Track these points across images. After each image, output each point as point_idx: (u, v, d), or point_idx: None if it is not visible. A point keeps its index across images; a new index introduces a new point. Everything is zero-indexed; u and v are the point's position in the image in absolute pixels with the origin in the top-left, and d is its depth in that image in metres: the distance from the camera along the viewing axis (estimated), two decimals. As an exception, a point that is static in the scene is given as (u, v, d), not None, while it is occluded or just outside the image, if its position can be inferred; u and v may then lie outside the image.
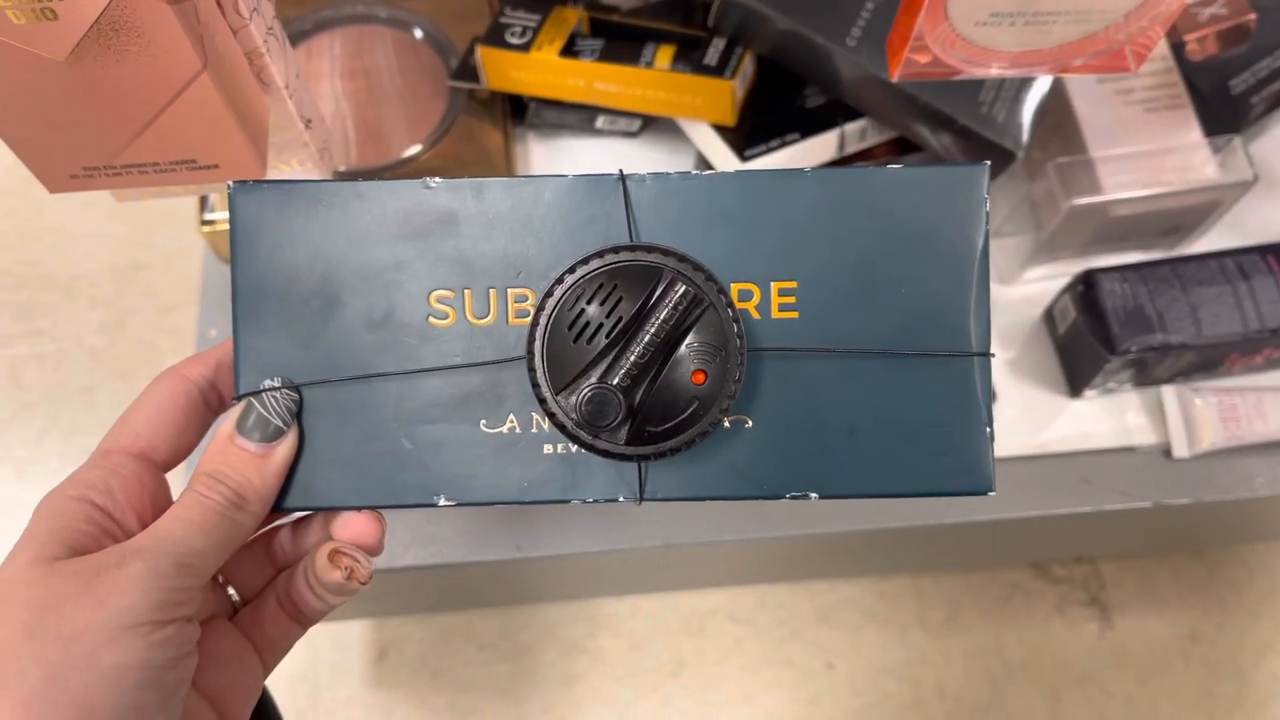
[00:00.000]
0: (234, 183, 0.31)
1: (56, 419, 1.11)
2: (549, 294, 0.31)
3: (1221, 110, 0.63)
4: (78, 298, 1.17)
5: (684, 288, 0.30)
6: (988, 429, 0.32)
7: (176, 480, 0.31)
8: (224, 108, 0.31)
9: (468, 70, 0.66)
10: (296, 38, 0.70)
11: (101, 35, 0.28)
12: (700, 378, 0.31)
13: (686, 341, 0.31)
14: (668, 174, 0.32)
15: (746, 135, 0.63)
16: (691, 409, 0.31)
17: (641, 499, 0.33)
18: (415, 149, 0.66)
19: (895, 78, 0.45)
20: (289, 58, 0.37)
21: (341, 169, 0.65)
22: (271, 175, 0.42)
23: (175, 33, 0.28)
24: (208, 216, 0.64)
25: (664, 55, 0.62)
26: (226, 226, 0.64)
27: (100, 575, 0.27)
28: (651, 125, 0.70)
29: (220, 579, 0.34)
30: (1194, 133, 0.61)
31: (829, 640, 1.02)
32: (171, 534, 0.28)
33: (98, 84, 0.30)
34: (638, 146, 0.70)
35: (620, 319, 0.30)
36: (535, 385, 0.31)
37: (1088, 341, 0.59)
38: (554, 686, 1.00)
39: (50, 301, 1.17)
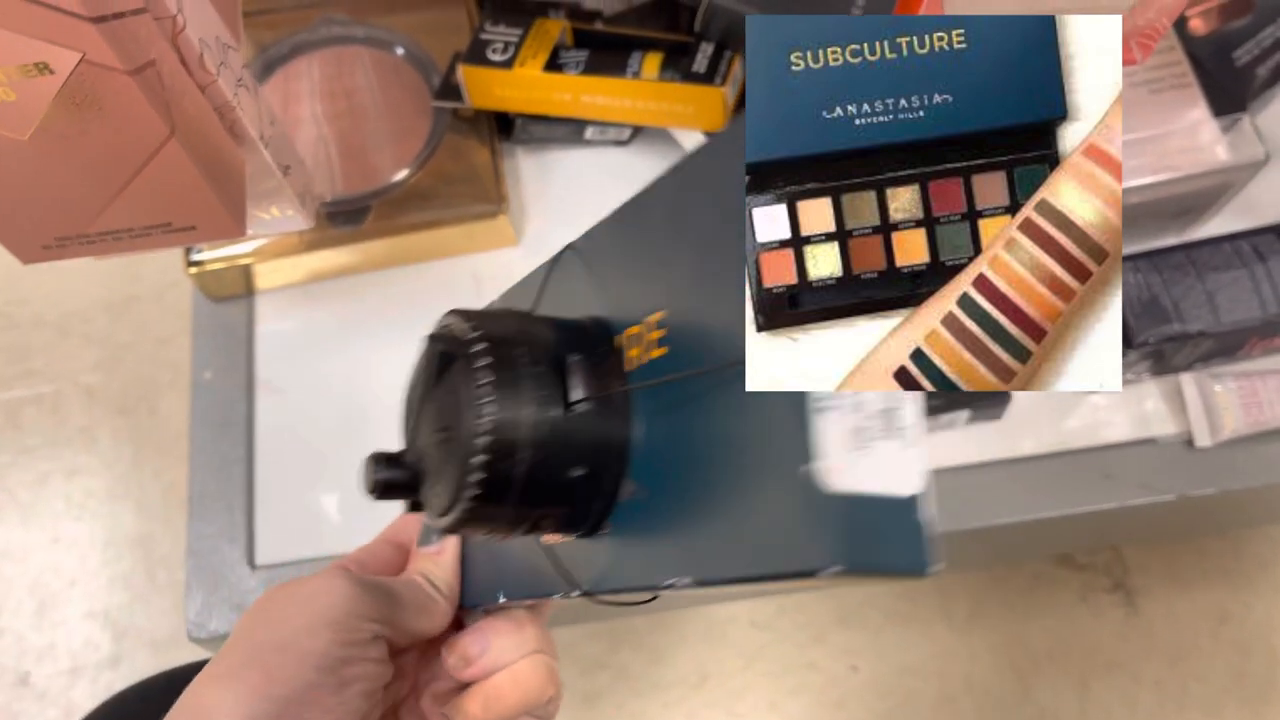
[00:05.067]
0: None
1: (58, 460, 1.10)
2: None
3: (1226, 83, 0.61)
4: (70, 335, 1.15)
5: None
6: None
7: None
8: (195, 171, 0.29)
9: (451, 89, 0.65)
10: (274, 63, 0.68)
11: (64, 110, 0.27)
12: None
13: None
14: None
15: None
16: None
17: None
18: (403, 173, 0.65)
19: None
20: (262, 105, 0.35)
21: (328, 199, 0.63)
22: (251, 223, 0.40)
23: (138, 102, 0.26)
24: (194, 257, 0.62)
25: (651, 64, 0.60)
26: (214, 266, 0.63)
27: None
28: (642, 133, 0.68)
29: None
30: (1200, 111, 0.60)
31: (851, 642, 1.00)
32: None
33: (64, 157, 0.28)
34: (628, 155, 0.68)
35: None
36: None
37: (1103, 335, 0.57)
38: (576, 705, 0.98)
39: (43, 341, 1.15)
